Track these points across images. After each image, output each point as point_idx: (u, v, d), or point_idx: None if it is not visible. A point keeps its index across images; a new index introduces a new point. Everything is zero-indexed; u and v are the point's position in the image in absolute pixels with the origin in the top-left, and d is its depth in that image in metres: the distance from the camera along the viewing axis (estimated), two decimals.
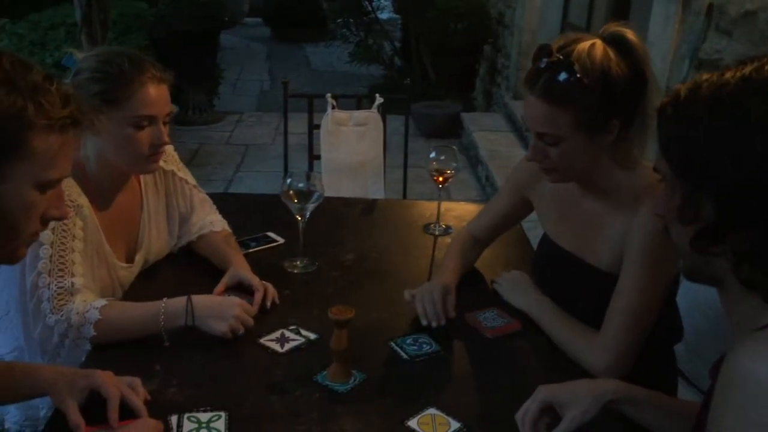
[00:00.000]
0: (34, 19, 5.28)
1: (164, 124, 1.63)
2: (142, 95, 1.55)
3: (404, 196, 3.10)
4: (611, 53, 1.39)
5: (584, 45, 1.39)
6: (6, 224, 1.02)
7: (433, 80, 6.68)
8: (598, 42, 1.40)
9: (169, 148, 1.78)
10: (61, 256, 1.46)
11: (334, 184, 2.84)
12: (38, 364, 1.42)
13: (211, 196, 1.99)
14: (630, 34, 1.41)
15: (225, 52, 10.89)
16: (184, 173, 1.86)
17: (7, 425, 1.62)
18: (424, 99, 6.29)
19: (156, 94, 1.58)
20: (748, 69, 0.88)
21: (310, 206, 1.80)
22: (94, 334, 1.46)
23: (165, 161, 1.77)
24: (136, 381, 1.33)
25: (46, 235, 1.43)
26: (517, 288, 1.73)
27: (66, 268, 1.46)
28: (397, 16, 9.00)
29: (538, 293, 1.68)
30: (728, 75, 0.89)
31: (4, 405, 1.54)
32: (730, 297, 0.94)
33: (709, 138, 0.88)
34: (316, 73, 10.24)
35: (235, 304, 1.55)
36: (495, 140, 5.24)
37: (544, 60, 1.41)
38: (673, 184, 0.95)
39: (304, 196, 1.80)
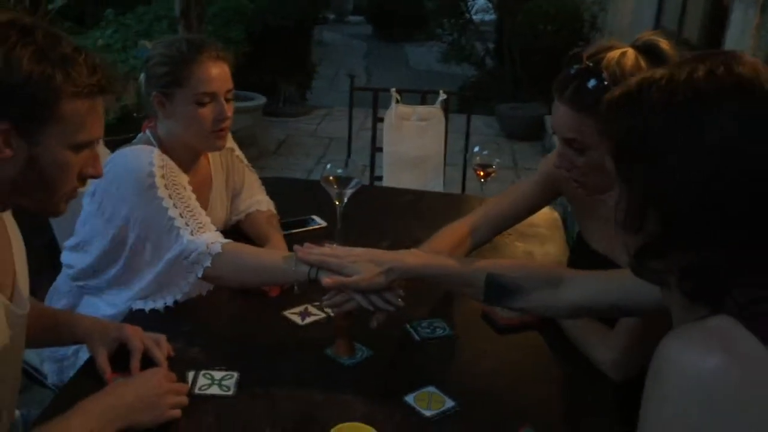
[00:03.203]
0: (141, 11, 5.66)
1: (226, 100, 1.75)
2: (201, 74, 1.68)
3: (463, 192, 3.15)
4: (642, 62, 1.37)
5: (615, 53, 1.38)
6: (45, 182, 1.15)
7: (520, 82, 6.66)
8: (630, 51, 1.39)
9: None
10: (182, 201, 1.60)
11: (394, 176, 2.93)
12: (79, 314, 1.58)
13: (267, 179, 2.13)
14: (664, 44, 1.38)
15: (326, 48, 11.21)
16: (239, 153, 2.01)
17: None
18: (512, 100, 6.29)
19: (215, 72, 1.70)
20: (700, 73, 0.88)
21: (348, 192, 1.89)
22: (209, 266, 1.54)
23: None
24: (162, 338, 1.46)
25: (160, 191, 1.58)
26: None
27: (192, 209, 1.61)
28: (493, 17, 9.00)
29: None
30: (681, 77, 0.88)
31: (44, 347, 1.71)
32: (671, 297, 0.95)
33: (656, 150, 0.88)
34: (413, 72, 10.36)
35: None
36: None
37: (575, 67, 1.41)
38: (620, 187, 0.95)
39: (343, 182, 1.89)
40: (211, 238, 1.57)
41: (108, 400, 1.24)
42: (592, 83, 1.38)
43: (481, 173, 2.10)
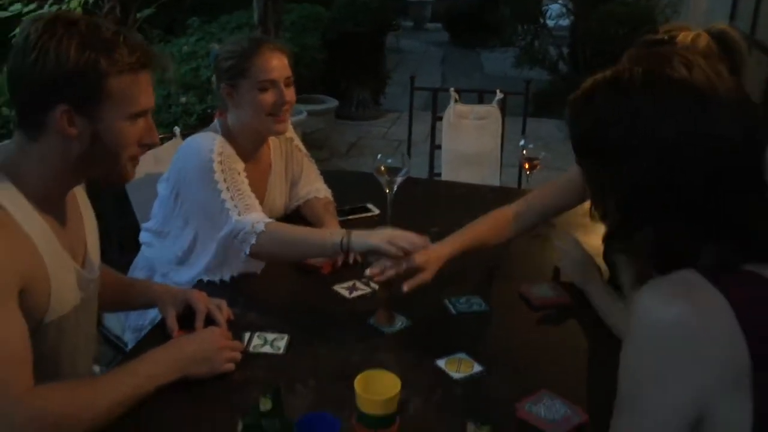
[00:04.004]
0: (224, 20, 5.99)
1: (286, 86, 1.93)
2: (262, 64, 1.88)
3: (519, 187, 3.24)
4: (713, 45, 1.47)
5: (690, 33, 1.49)
6: (109, 152, 1.33)
7: None
8: (704, 34, 1.49)
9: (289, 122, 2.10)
10: (235, 186, 1.81)
11: (453, 172, 3.05)
12: (151, 281, 1.78)
13: (330, 171, 2.30)
14: (735, 34, 1.49)
15: (402, 54, 11.39)
16: (298, 143, 2.19)
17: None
18: None
19: (274, 62, 1.90)
20: (637, 71, 0.97)
21: (397, 180, 2.04)
22: (254, 243, 1.74)
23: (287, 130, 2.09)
24: (223, 302, 1.64)
25: (218, 176, 1.79)
26: (578, 268, 1.82)
27: (242, 192, 1.81)
28: (568, 22, 8.96)
29: (598, 278, 1.74)
30: (624, 76, 0.98)
31: (121, 310, 1.92)
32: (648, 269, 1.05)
33: (604, 141, 0.99)
34: (487, 77, 10.41)
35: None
36: None
37: (650, 36, 1.52)
38: (585, 182, 1.06)
39: (392, 171, 2.04)
40: (257, 218, 1.76)
41: (171, 351, 1.42)
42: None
43: (527, 165, 2.21)
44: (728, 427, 0.90)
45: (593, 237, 2.19)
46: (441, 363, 1.50)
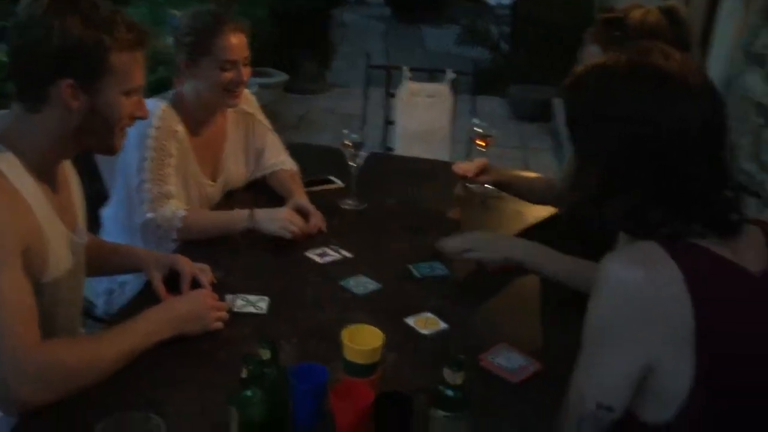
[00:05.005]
0: None
1: (244, 65, 2.04)
2: (224, 43, 1.98)
3: None
4: (663, 20, 1.70)
5: (640, 11, 1.72)
6: (105, 125, 1.42)
7: (532, 65, 6.87)
8: (655, 9, 1.72)
9: (252, 97, 2.21)
10: (159, 168, 1.92)
11: (405, 147, 3.20)
12: (136, 247, 1.88)
13: (293, 144, 2.42)
14: (682, 11, 1.73)
15: (346, 29, 11.42)
16: (261, 117, 2.30)
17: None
18: (524, 83, 6.52)
19: (235, 42, 2.00)
20: (622, 59, 1.15)
21: (362, 154, 2.17)
22: (175, 237, 1.92)
23: (247, 105, 2.21)
24: (206, 267, 1.76)
25: (148, 152, 1.89)
26: (496, 240, 1.85)
27: (163, 177, 1.92)
28: (510, 1, 9.18)
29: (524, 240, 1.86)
30: (610, 63, 1.15)
31: (106, 275, 2.02)
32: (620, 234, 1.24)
33: (590, 119, 1.16)
34: (429, 54, 10.55)
35: (284, 213, 1.98)
36: None
37: (606, 15, 1.75)
38: (573, 154, 1.23)
39: (358, 146, 2.17)
40: (171, 210, 1.92)
41: (165, 310, 1.53)
42: (617, 32, 1.71)
43: (481, 142, 2.37)
44: (674, 376, 1.08)
45: (540, 208, 2.39)
46: (410, 321, 1.66)
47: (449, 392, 1.23)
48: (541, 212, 2.31)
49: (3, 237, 1.28)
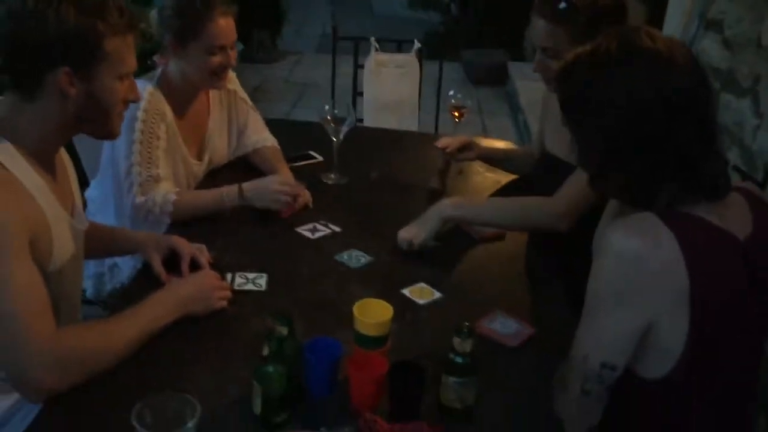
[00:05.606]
0: None
1: (231, 49, 2.04)
2: (213, 28, 1.97)
3: (436, 132, 3.48)
4: None
5: None
6: (102, 111, 1.43)
7: (484, 29, 6.94)
8: None
9: (233, 74, 2.21)
10: (148, 152, 1.92)
11: (373, 117, 3.24)
12: (131, 229, 1.89)
13: (268, 120, 2.44)
14: None
15: None
16: (243, 95, 2.31)
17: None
18: (476, 47, 6.59)
19: (224, 26, 1.99)
20: (613, 45, 1.22)
21: (344, 129, 2.21)
22: (168, 220, 1.94)
23: (229, 82, 2.21)
24: (203, 247, 1.79)
25: (137, 135, 1.89)
26: (426, 214, 1.93)
27: (152, 161, 1.92)
28: None
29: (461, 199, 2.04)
30: (601, 49, 1.22)
31: (102, 258, 2.04)
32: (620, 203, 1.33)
33: (587, 103, 1.23)
34: (377, 19, 10.49)
35: (273, 185, 2.01)
36: (536, 89, 5.52)
37: None
38: (573, 136, 1.30)
39: (339, 121, 2.20)
40: (161, 194, 1.93)
41: (171, 293, 1.56)
42: (562, 5, 1.78)
43: (456, 114, 2.43)
44: (671, 332, 1.18)
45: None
46: (406, 292, 1.73)
47: (459, 359, 1.31)
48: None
49: (10, 229, 1.29)
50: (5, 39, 1.35)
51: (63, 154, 1.58)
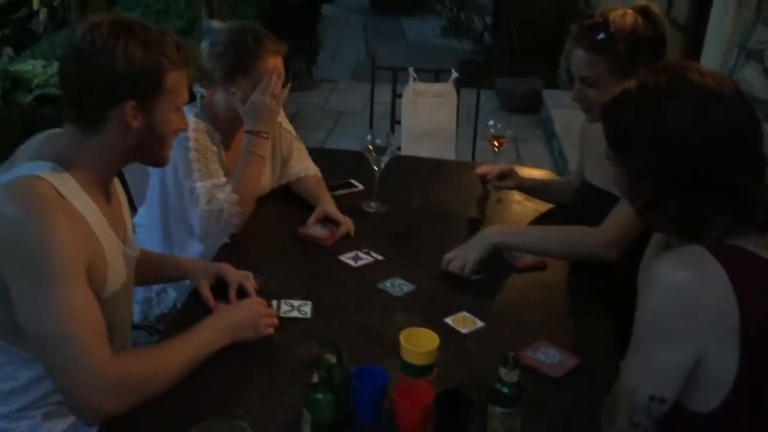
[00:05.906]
0: None
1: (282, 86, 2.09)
2: (264, 67, 2.03)
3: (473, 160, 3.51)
4: (639, 19, 1.82)
5: (619, 12, 1.83)
6: (158, 140, 1.50)
7: (518, 56, 6.98)
8: (630, 11, 1.83)
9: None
10: (206, 167, 1.99)
11: (411, 146, 3.28)
12: (179, 256, 1.94)
13: (310, 149, 2.49)
14: (654, 8, 1.85)
15: (325, 21, 11.44)
16: (287, 125, 2.35)
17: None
18: (509, 74, 6.62)
19: (273, 65, 2.05)
20: (662, 80, 1.23)
21: (385, 159, 2.24)
22: (237, 220, 2.01)
23: None
24: (249, 274, 1.82)
25: (192, 154, 1.97)
26: (471, 240, 1.94)
27: (212, 173, 2.00)
28: None
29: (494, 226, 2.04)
30: (650, 85, 1.23)
31: (151, 284, 2.08)
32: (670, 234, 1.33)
33: (638, 139, 1.25)
34: (410, 46, 10.60)
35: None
36: (571, 117, 5.52)
37: (588, 21, 1.85)
38: (618, 169, 1.31)
39: (381, 150, 2.24)
40: (224, 193, 1.98)
41: (221, 319, 1.59)
42: (601, 36, 1.81)
43: (496, 143, 2.45)
44: (721, 366, 1.17)
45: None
46: (449, 320, 1.74)
47: (505, 389, 1.32)
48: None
49: (69, 255, 1.34)
50: (72, 77, 1.42)
51: (115, 182, 1.64)
